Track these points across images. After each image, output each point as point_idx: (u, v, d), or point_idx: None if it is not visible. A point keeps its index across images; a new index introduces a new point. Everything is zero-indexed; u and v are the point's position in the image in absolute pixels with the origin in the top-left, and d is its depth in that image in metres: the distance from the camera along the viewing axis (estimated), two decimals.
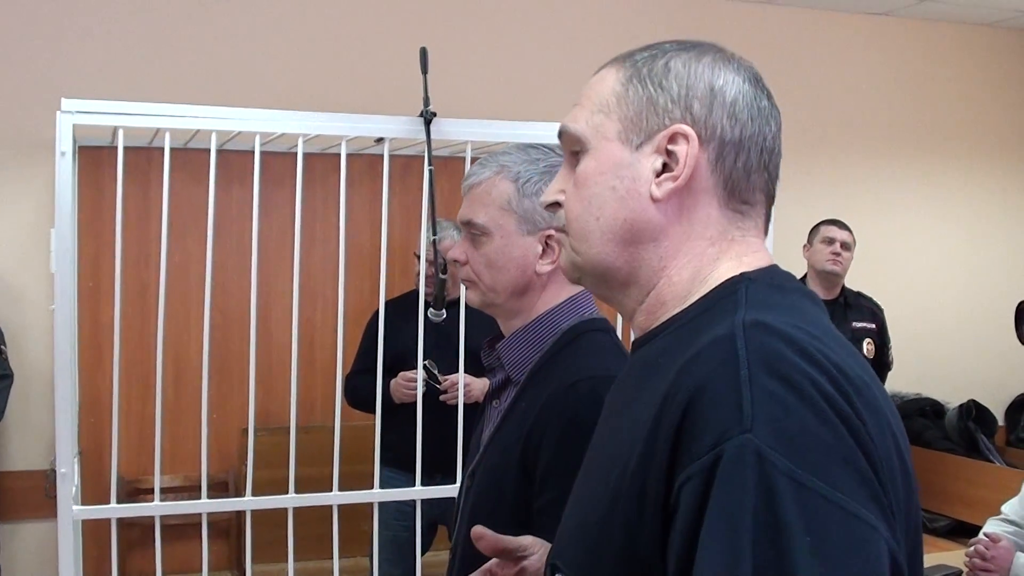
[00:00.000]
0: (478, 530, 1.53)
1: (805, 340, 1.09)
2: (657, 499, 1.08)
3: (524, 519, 1.77)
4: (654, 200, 1.24)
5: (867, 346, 5.58)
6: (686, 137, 1.22)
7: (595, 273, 1.31)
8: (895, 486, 1.08)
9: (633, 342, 1.34)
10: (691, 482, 1.03)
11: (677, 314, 1.25)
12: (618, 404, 1.31)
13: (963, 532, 5.31)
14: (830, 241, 5.52)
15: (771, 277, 1.24)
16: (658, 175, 1.24)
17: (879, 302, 5.75)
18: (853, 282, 5.69)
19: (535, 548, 1.57)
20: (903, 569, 1.07)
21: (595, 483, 1.23)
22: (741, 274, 1.22)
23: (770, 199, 1.29)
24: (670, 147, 1.23)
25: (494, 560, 1.58)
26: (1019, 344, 5.36)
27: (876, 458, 1.05)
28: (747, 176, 1.24)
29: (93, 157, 4.74)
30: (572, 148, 1.32)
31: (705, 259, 1.24)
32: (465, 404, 3.77)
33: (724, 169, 1.23)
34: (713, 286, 1.23)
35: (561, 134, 1.33)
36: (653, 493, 1.08)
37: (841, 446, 1.03)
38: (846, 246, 5.52)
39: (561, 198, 1.33)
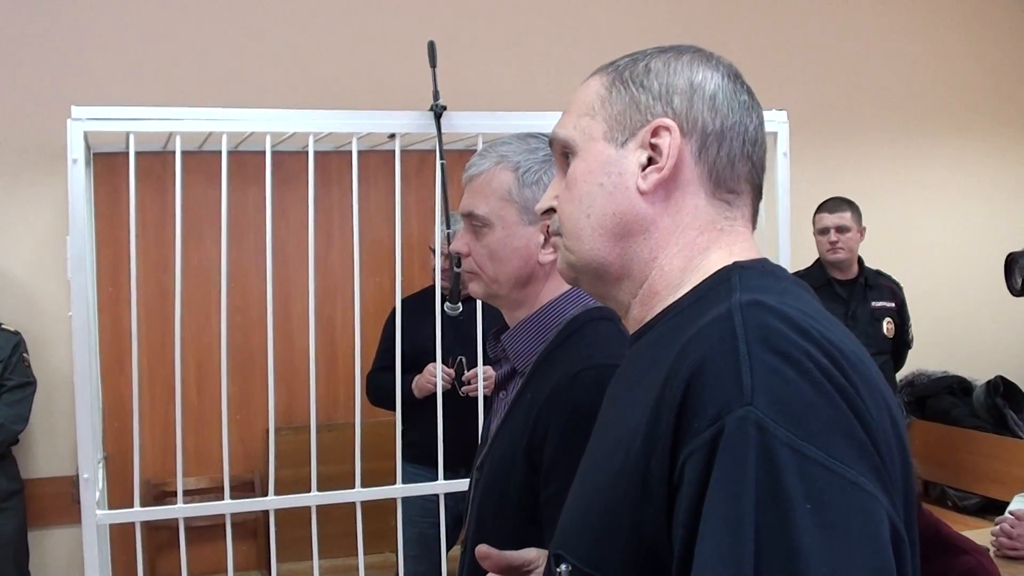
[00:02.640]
0: (482, 550, 1.56)
1: (801, 318, 1.12)
2: (662, 478, 1.10)
3: (531, 511, 1.77)
4: (641, 193, 1.27)
5: (887, 325, 5.49)
6: (668, 129, 1.26)
7: (589, 270, 1.34)
8: (892, 459, 1.10)
9: (631, 336, 1.35)
10: (694, 456, 1.05)
11: (671, 304, 1.27)
12: (618, 394, 1.33)
13: (993, 510, 5.26)
14: (823, 231, 5.41)
15: (763, 265, 1.27)
16: (644, 169, 1.28)
17: (903, 280, 5.68)
18: (875, 261, 5.63)
19: (540, 561, 1.58)
20: (903, 538, 1.08)
21: (597, 471, 1.24)
22: (734, 263, 1.25)
23: (756, 190, 1.33)
24: (653, 140, 1.27)
25: None
26: None
27: (873, 430, 1.07)
28: (731, 165, 1.28)
29: (110, 163, 4.75)
30: (562, 152, 1.37)
31: (695, 248, 1.28)
32: (487, 397, 3.76)
33: (708, 159, 1.27)
34: (705, 275, 1.25)
35: (552, 141, 1.39)
36: (658, 472, 1.10)
37: (840, 417, 1.05)
38: (841, 229, 5.36)
39: (556, 204, 1.37)
